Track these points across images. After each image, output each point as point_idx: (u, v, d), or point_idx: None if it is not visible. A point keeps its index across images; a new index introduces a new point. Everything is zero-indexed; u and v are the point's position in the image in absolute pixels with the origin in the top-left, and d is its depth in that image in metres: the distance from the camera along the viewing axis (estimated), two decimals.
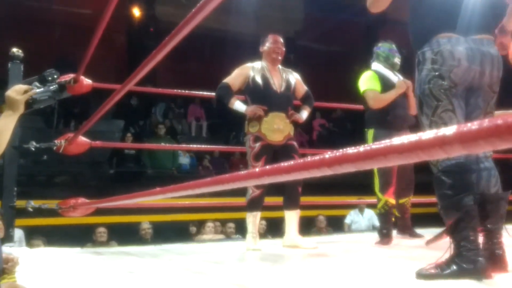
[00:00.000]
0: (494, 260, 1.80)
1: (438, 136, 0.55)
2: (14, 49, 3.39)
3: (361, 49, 3.58)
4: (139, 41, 11.12)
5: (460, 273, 1.70)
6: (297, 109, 3.45)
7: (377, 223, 6.49)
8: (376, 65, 3.56)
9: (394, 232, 3.47)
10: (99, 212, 3.76)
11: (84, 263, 2.62)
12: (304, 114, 3.40)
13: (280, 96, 3.26)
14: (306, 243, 3.15)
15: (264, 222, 6.16)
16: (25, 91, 1.67)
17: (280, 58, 3.36)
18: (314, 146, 9.62)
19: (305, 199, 3.60)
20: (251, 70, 3.31)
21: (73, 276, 2.19)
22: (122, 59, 11.45)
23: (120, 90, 2.41)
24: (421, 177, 3.56)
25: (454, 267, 1.72)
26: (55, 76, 1.86)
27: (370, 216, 7.12)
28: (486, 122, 0.50)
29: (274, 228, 5.50)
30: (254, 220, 3.18)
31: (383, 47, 3.59)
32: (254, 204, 3.18)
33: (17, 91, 1.65)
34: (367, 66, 3.66)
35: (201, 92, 4.73)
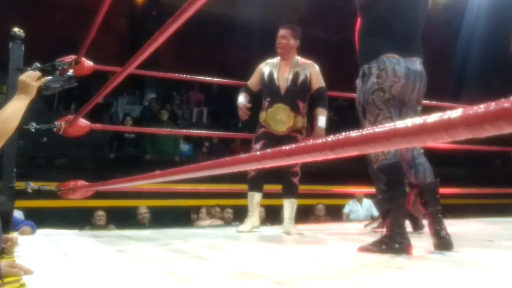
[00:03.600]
0: (440, 236, 2.20)
1: (444, 120, 0.54)
2: (16, 29, 3.36)
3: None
4: (141, 24, 11.02)
5: (388, 250, 2.11)
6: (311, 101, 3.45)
7: (375, 213, 6.52)
8: None
9: None
10: (98, 195, 3.75)
11: (82, 245, 2.63)
12: (321, 121, 3.31)
13: (284, 91, 3.33)
14: (294, 231, 3.24)
15: (262, 209, 6.18)
16: (38, 78, 1.76)
17: (281, 51, 3.39)
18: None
19: (304, 188, 3.61)
20: (265, 66, 3.47)
21: (70, 257, 2.19)
22: (123, 42, 11.37)
23: (120, 73, 2.39)
24: None
25: (384, 245, 2.15)
26: (65, 66, 1.99)
27: (368, 206, 7.13)
28: (492, 105, 0.49)
29: (274, 215, 5.52)
30: (250, 200, 3.36)
31: None
32: (250, 184, 3.38)
33: (31, 77, 1.74)
34: None
35: (202, 77, 4.70)
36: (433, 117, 0.57)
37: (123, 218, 6.16)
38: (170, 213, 7.16)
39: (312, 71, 3.39)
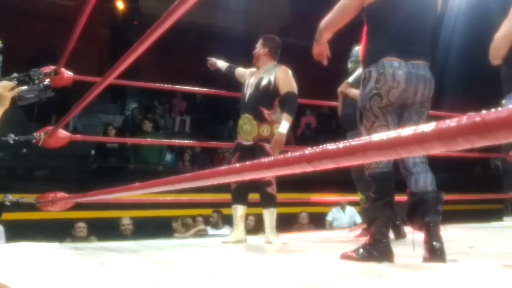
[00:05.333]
0: (433, 251, 2.06)
1: (417, 133, 0.55)
2: None
3: (346, 49, 3.61)
4: (122, 34, 10.98)
5: (369, 258, 2.10)
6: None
7: (358, 220, 6.56)
8: None
9: None
10: (79, 206, 3.70)
11: (61, 258, 2.58)
12: (282, 126, 3.16)
13: (248, 98, 3.31)
14: (276, 240, 3.20)
15: (252, 218, 6.16)
16: (12, 88, 1.72)
17: (253, 60, 3.43)
18: (298, 143, 9.64)
19: (287, 196, 3.62)
20: (246, 74, 3.49)
21: (49, 271, 2.15)
22: (105, 52, 11.29)
23: (100, 83, 2.37)
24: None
25: (366, 253, 2.14)
26: (41, 76, 1.93)
27: (351, 213, 7.17)
28: (464, 119, 0.50)
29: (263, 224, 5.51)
30: (234, 213, 3.33)
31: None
32: (233, 197, 3.35)
33: (4, 87, 1.70)
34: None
35: (184, 87, 4.69)
36: (407, 131, 0.57)
37: (105, 230, 6.08)
38: (153, 224, 7.09)
39: (279, 76, 3.24)
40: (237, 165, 1.01)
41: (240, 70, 3.60)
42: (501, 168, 8.99)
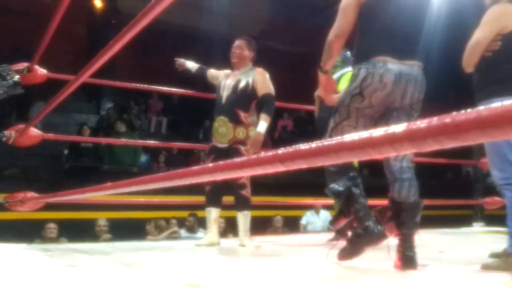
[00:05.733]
0: (406, 260, 2.07)
1: (388, 134, 0.55)
2: None
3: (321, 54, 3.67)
4: (99, 33, 10.84)
5: (367, 240, 2.09)
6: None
7: None
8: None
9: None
10: (49, 207, 3.62)
11: (29, 260, 2.52)
12: (260, 126, 3.17)
13: (225, 100, 3.27)
14: (249, 243, 3.18)
15: (222, 220, 6.13)
16: None
17: (235, 61, 3.36)
18: (275, 145, 9.66)
19: (262, 199, 3.61)
20: (220, 76, 3.44)
21: (15, 273, 2.09)
22: (82, 50, 11.13)
23: (74, 82, 2.33)
24: (377, 181, 3.63)
25: (355, 239, 2.12)
26: (10, 72, 1.88)
27: (325, 217, 7.20)
28: (435, 120, 0.50)
29: (236, 227, 5.50)
30: (208, 215, 3.30)
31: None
32: (207, 199, 3.32)
33: None
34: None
35: (161, 87, 4.65)
36: (378, 131, 0.57)
37: (77, 231, 5.97)
38: (126, 226, 6.98)
39: (257, 78, 3.24)
40: (210, 165, 1.00)
41: (212, 72, 3.53)
42: (472, 174, 9.19)
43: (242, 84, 3.25)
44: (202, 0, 10.99)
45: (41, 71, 3.31)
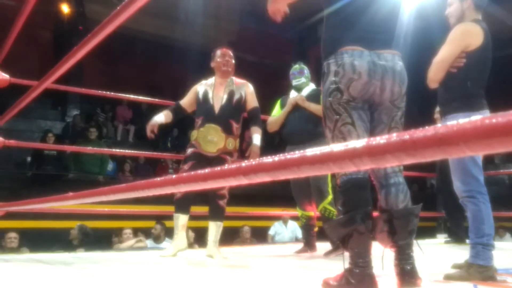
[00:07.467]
0: (404, 275, 1.88)
1: (348, 149, 0.55)
2: None
3: (292, 65, 3.70)
4: (67, 39, 10.64)
5: (347, 286, 1.78)
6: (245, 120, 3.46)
7: (300, 235, 6.63)
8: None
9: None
10: (10, 216, 3.50)
11: None
12: (256, 138, 3.28)
13: (217, 109, 3.26)
14: (217, 254, 3.18)
15: (190, 231, 6.08)
16: None
17: (230, 70, 3.37)
18: (241, 157, 9.64)
19: (230, 210, 3.60)
20: (200, 86, 3.42)
21: None
22: (48, 56, 10.91)
23: (36, 87, 2.27)
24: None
25: (344, 281, 1.80)
26: None
27: (293, 228, 7.23)
28: (394, 137, 0.51)
29: (203, 238, 5.45)
30: (176, 222, 3.26)
31: (291, 70, 3.77)
32: (176, 206, 3.26)
33: None
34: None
35: (127, 95, 4.60)
36: (339, 147, 0.57)
37: (40, 241, 5.79)
38: (93, 235, 6.83)
39: (247, 91, 3.36)
40: (173, 176, 0.99)
41: (185, 101, 3.47)
42: (436, 187, 9.39)
43: (237, 96, 3.32)
44: (174, 10, 10.96)
45: (4, 75, 3.22)
